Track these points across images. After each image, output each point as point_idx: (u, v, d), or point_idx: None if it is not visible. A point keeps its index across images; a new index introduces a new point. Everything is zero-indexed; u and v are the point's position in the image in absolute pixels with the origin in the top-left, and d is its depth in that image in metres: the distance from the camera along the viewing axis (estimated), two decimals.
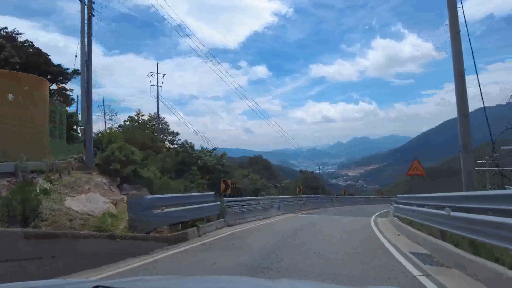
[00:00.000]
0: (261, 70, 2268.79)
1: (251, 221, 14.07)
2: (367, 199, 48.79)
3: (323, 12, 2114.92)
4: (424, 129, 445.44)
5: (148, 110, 71.96)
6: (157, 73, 35.56)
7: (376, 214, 20.51)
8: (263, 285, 2.18)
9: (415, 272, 5.31)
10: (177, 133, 36.17)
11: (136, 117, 33.76)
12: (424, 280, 4.83)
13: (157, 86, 34.54)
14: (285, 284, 2.14)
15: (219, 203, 11.87)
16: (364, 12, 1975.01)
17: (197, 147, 28.75)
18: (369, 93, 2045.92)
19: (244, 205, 14.61)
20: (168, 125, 37.17)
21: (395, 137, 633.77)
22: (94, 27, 13.06)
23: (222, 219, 11.81)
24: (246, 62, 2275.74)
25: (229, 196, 14.51)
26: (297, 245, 8.31)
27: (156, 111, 34.88)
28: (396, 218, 12.50)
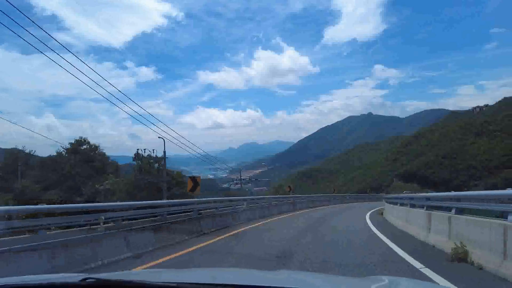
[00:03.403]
0: (150, 73, 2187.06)
1: None
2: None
3: (213, 20, 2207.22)
4: (304, 135, 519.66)
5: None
6: None
7: None
8: (262, 276, 2.16)
9: None
10: None
11: None
12: None
13: None
14: (283, 275, 2.20)
15: None
16: (252, 25, 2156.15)
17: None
18: (255, 101, 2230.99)
19: None
20: None
21: (280, 142, 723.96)
22: None
23: None
24: (134, 63, 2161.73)
25: None
26: None
27: None
28: None
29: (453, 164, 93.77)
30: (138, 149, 32.93)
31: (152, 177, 31.67)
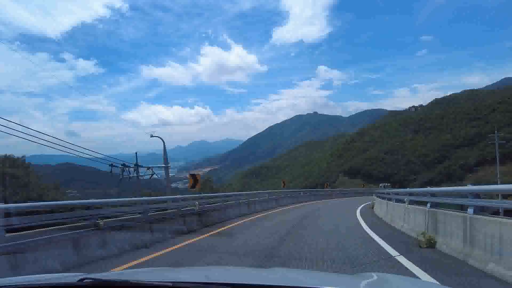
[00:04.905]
0: (91, 66, 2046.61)
1: None
2: None
3: (160, 13, 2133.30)
4: (253, 133, 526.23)
5: None
6: None
7: None
8: (254, 274, 2.19)
9: None
10: None
11: None
12: None
13: None
14: (277, 273, 2.20)
15: None
16: (200, 21, 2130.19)
17: None
18: (204, 99, 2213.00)
19: None
20: None
21: (230, 140, 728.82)
22: None
23: None
24: (72, 55, 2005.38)
25: None
26: None
27: None
28: None
29: (394, 160, 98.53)
30: None
31: None
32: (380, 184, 54.49)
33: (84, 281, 1.50)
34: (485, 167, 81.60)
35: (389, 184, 55.21)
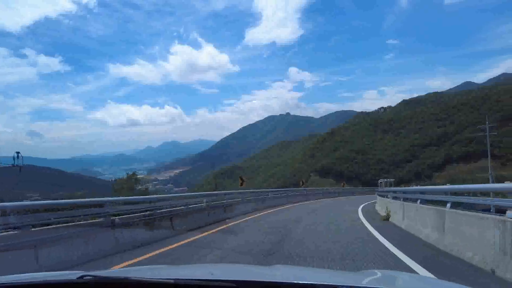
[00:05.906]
0: (56, 63, 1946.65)
1: None
2: None
3: (130, 11, 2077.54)
4: (226, 133, 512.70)
5: None
6: None
7: None
8: (257, 271, 2.17)
9: None
10: None
11: None
12: None
13: None
14: (280, 270, 2.17)
15: None
16: (171, 19, 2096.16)
17: None
18: (174, 98, 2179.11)
19: None
20: None
21: (203, 141, 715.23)
22: None
23: None
24: (35, 51, 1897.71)
25: None
26: None
27: None
28: None
29: (364, 159, 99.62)
30: None
31: None
32: (380, 180, 40.76)
33: (84, 278, 1.45)
34: (452, 165, 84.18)
35: (392, 180, 41.38)
